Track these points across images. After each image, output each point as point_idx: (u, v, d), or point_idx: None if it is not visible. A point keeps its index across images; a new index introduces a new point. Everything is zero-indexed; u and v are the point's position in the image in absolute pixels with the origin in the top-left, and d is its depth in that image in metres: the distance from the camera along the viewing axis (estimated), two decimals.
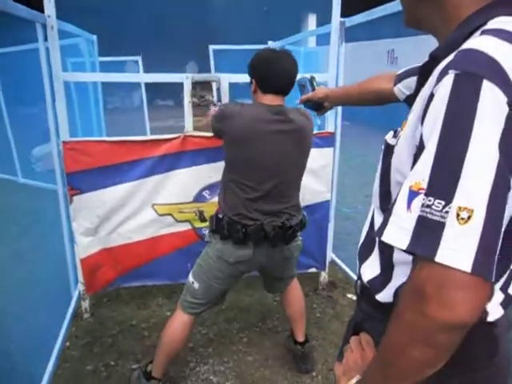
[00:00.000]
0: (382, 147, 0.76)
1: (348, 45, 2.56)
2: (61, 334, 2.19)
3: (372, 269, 0.81)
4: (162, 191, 2.27)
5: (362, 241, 0.88)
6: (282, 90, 1.68)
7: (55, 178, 2.35)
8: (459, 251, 0.52)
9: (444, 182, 0.54)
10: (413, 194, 0.56)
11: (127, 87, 9.11)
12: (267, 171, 1.66)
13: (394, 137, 0.74)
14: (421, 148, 0.59)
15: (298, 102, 1.75)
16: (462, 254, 0.52)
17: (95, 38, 4.11)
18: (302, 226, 1.83)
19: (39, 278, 2.62)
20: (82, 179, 2.15)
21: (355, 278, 0.91)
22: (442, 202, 0.53)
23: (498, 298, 0.70)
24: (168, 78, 2.28)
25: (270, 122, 1.64)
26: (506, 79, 0.53)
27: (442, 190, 0.54)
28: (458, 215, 0.52)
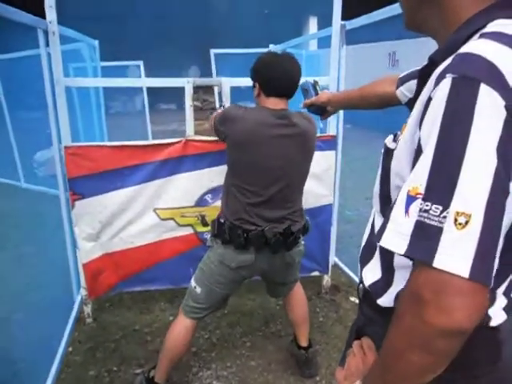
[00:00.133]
0: (382, 151, 0.76)
1: (349, 47, 2.55)
2: (63, 338, 2.19)
3: (373, 272, 0.81)
4: (163, 195, 2.27)
5: (363, 244, 0.87)
6: (286, 93, 1.67)
7: (57, 183, 2.36)
8: (457, 256, 0.52)
9: (441, 186, 0.54)
10: (410, 199, 0.56)
11: (129, 92, 9.13)
12: (270, 176, 1.65)
13: (394, 141, 0.74)
14: (419, 152, 0.59)
15: (302, 107, 1.75)
16: (459, 259, 0.52)
17: (97, 43, 4.13)
18: (305, 230, 1.82)
19: (41, 282, 2.62)
20: (84, 184, 2.15)
21: (358, 281, 0.90)
22: (440, 207, 0.53)
23: (500, 302, 0.69)
24: (169, 82, 2.29)
25: (274, 125, 1.63)
26: (504, 83, 0.53)
27: (440, 195, 0.54)
28: (455, 220, 0.52)
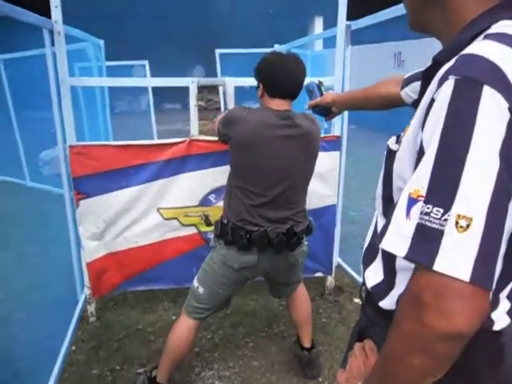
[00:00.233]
0: (385, 152, 0.75)
1: (354, 47, 2.55)
2: (67, 337, 2.20)
3: (375, 274, 0.80)
4: (167, 195, 2.27)
5: (366, 245, 0.87)
6: (290, 94, 1.66)
7: (62, 182, 2.36)
8: (458, 260, 0.52)
9: (443, 189, 0.53)
10: (412, 201, 0.56)
11: (135, 91, 9.14)
12: (274, 177, 1.64)
13: (397, 142, 0.73)
14: (421, 154, 0.58)
15: (307, 108, 1.74)
16: (460, 262, 0.51)
17: (102, 43, 4.14)
18: (309, 231, 1.81)
19: (46, 281, 2.63)
20: (89, 183, 2.16)
21: (361, 282, 0.90)
22: (441, 210, 0.53)
23: (504, 306, 0.69)
24: (174, 82, 2.29)
25: (277, 126, 1.62)
26: (508, 85, 0.52)
27: (441, 198, 0.53)
28: (456, 223, 0.52)
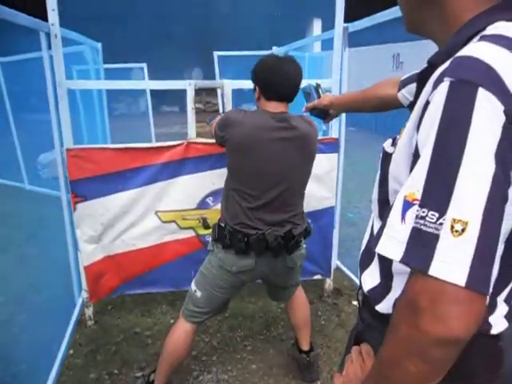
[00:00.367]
0: (381, 155, 0.75)
1: (353, 49, 2.54)
2: (64, 341, 2.19)
3: (372, 277, 0.80)
4: (165, 198, 2.26)
5: (362, 249, 0.86)
6: (286, 97, 1.66)
7: (59, 185, 2.36)
8: (453, 264, 0.51)
9: (438, 193, 0.53)
10: (407, 205, 0.55)
11: (133, 94, 9.17)
12: (270, 180, 1.64)
13: (393, 145, 0.73)
14: (416, 156, 0.58)
15: (304, 110, 1.73)
16: (455, 267, 0.51)
17: (100, 46, 4.14)
18: (307, 234, 1.81)
19: (43, 284, 2.63)
20: (86, 186, 2.15)
21: (358, 286, 0.89)
22: (436, 214, 0.52)
23: (501, 310, 0.68)
24: (171, 84, 2.28)
25: (273, 129, 1.61)
26: (503, 87, 0.52)
27: (436, 202, 0.53)
28: (452, 227, 0.51)
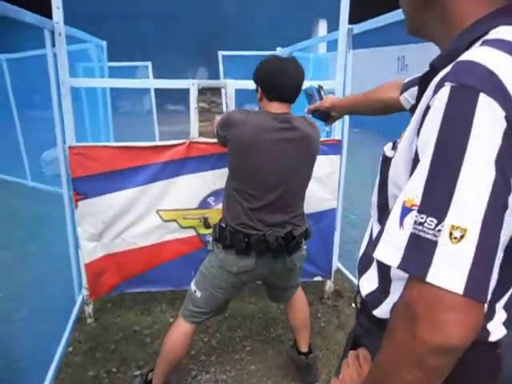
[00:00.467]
0: (380, 159, 0.74)
1: (358, 51, 2.53)
2: (63, 338, 2.19)
3: (370, 282, 0.79)
4: (166, 197, 2.26)
5: (361, 253, 0.86)
6: (288, 97, 1.66)
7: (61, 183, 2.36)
8: (451, 272, 0.50)
9: (437, 199, 0.52)
10: (406, 211, 0.55)
11: (138, 92, 9.13)
12: (271, 180, 1.63)
13: (393, 149, 0.72)
14: (416, 161, 0.57)
15: (306, 112, 1.73)
16: (453, 274, 0.50)
17: (105, 44, 4.15)
18: (307, 235, 1.80)
19: (44, 281, 2.63)
20: (88, 184, 2.16)
21: (356, 290, 0.89)
22: (435, 220, 0.52)
23: (500, 317, 0.67)
24: (175, 84, 2.28)
25: (275, 130, 1.61)
26: (505, 93, 0.51)
27: (435, 208, 0.52)
28: (450, 234, 0.50)
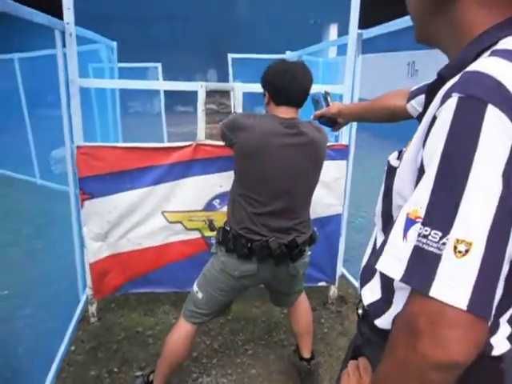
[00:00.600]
0: (385, 168, 0.73)
1: (368, 56, 2.52)
2: (66, 337, 2.20)
3: (373, 292, 0.78)
4: (172, 199, 2.26)
5: (364, 263, 0.85)
6: (295, 101, 1.65)
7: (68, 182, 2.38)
8: (455, 287, 0.49)
9: (442, 211, 0.51)
10: (410, 222, 0.54)
11: (148, 93, 9.19)
12: (278, 186, 1.62)
13: (398, 158, 0.71)
14: (421, 172, 0.56)
15: (312, 118, 1.72)
16: (457, 289, 0.49)
17: (115, 45, 4.18)
18: (312, 241, 1.79)
19: (49, 279, 2.65)
20: (94, 184, 2.17)
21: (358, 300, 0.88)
22: (439, 233, 0.50)
23: (504, 331, 0.66)
24: (183, 86, 2.29)
25: (282, 135, 1.60)
26: None
27: (440, 221, 0.51)
28: (455, 248, 0.49)
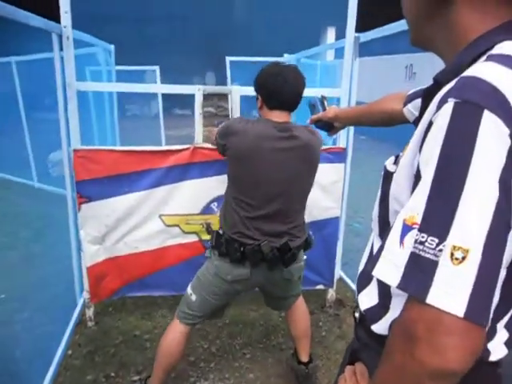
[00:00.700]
0: (382, 173, 0.73)
1: (364, 59, 2.53)
2: (63, 341, 2.19)
3: (370, 298, 0.78)
4: (169, 202, 2.26)
5: (361, 269, 0.85)
6: (288, 106, 1.65)
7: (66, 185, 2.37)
8: (452, 294, 0.49)
9: (439, 218, 0.51)
10: (406, 229, 0.53)
11: (146, 96, 9.18)
12: (271, 190, 1.62)
13: (395, 163, 0.71)
14: (418, 178, 0.56)
15: (309, 123, 1.72)
16: (454, 296, 0.49)
17: (112, 48, 4.18)
18: (307, 246, 1.79)
19: (46, 283, 2.63)
20: (91, 187, 2.16)
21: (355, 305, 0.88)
22: (436, 240, 0.50)
23: (501, 336, 0.66)
24: (180, 89, 2.28)
25: (275, 139, 1.60)
26: (510, 110, 0.50)
27: (437, 227, 0.51)
28: (452, 255, 0.49)
